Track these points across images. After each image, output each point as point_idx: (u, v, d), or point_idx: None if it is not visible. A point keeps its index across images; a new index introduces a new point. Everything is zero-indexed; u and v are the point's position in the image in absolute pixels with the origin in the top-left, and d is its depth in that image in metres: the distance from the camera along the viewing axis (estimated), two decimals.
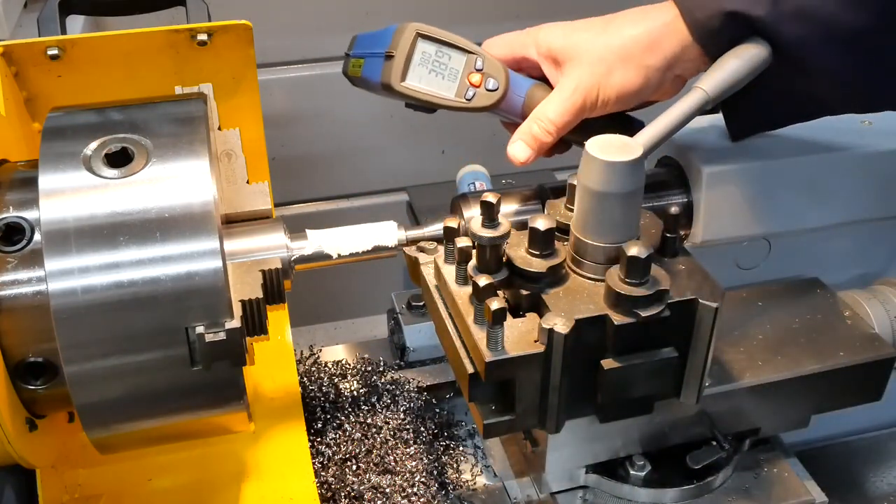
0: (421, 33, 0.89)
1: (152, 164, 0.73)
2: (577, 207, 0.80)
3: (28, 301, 0.73)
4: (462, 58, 0.89)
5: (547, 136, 0.88)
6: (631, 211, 0.79)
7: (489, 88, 0.89)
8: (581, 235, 0.80)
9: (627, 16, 0.89)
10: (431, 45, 0.89)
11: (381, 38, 0.89)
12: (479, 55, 0.89)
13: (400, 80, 0.88)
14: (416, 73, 0.89)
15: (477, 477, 1.07)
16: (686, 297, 0.78)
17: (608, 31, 0.89)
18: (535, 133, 0.89)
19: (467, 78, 0.89)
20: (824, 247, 1.08)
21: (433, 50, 0.89)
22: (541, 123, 0.89)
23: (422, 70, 0.89)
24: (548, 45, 0.90)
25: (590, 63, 0.88)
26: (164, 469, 0.98)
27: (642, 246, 0.75)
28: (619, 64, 0.87)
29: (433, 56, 0.89)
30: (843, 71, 0.84)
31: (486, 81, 0.89)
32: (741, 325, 0.98)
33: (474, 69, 0.89)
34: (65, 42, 0.89)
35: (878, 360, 0.94)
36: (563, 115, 0.88)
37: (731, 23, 0.83)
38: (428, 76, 0.89)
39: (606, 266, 0.79)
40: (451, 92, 0.89)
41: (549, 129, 0.88)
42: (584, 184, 0.78)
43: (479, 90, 0.89)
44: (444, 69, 0.89)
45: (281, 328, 1.12)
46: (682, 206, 0.97)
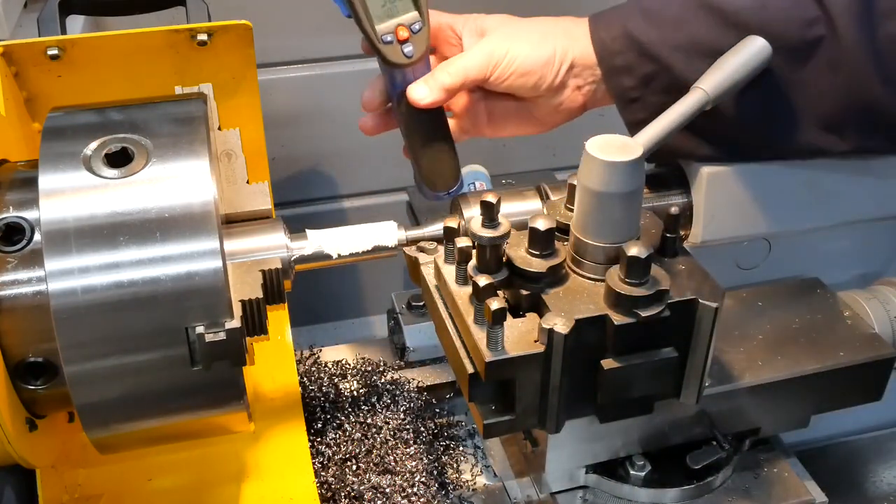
0: None
1: (152, 164, 0.73)
2: (577, 207, 0.80)
3: (28, 301, 0.73)
4: (411, 8, 0.88)
5: (450, 78, 0.89)
6: (631, 211, 0.79)
7: (405, 52, 0.88)
8: (581, 235, 0.80)
9: (553, 18, 0.95)
10: None
11: None
12: (423, 22, 0.88)
13: None
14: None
15: (477, 477, 1.07)
16: (686, 297, 0.78)
17: (534, 20, 0.94)
18: (439, 77, 0.90)
19: (397, 27, 0.87)
20: (824, 247, 1.08)
21: None
22: (447, 69, 0.90)
23: None
24: (480, 24, 0.94)
25: (506, 33, 0.92)
26: (164, 469, 0.98)
27: (642, 246, 0.75)
28: (536, 35, 0.91)
29: None
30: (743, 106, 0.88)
31: (406, 45, 0.88)
32: (741, 325, 0.98)
33: (408, 26, 0.88)
34: (65, 42, 0.89)
35: (878, 360, 0.94)
36: (470, 63, 0.90)
37: (627, 43, 0.89)
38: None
39: (606, 266, 0.79)
40: (378, 22, 0.87)
41: (455, 73, 0.89)
42: (584, 184, 0.78)
43: (394, 45, 0.87)
44: (393, 3, 0.88)
45: (281, 328, 1.12)
46: (682, 206, 0.97)
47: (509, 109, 0.97)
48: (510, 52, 0.90)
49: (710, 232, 0.98)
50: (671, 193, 0.98)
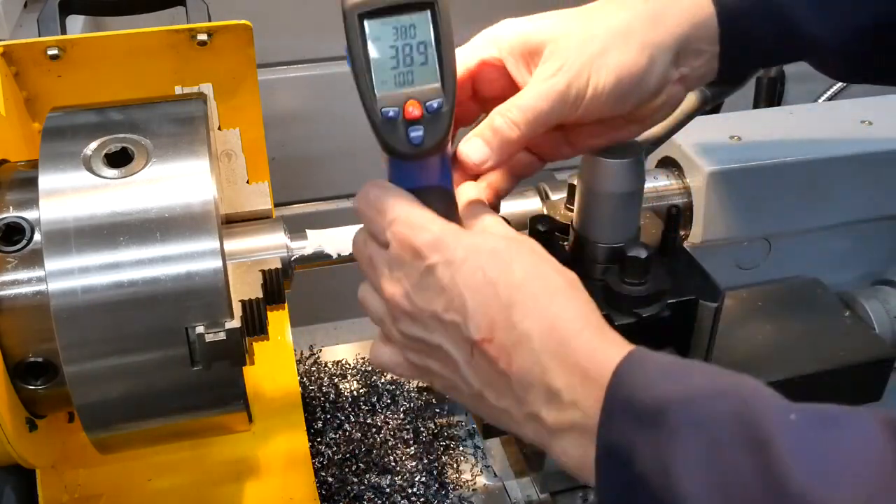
0: None
1: (152, 164, 0.73)
2: (577, 207, 0.80)
3: (28, 301, 0.73)
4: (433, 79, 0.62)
5: (512, 129, 0.67)
6: (631, 211, 0.79)
7: (411, 137, 0.62)
8: (581, 235, 0.80)
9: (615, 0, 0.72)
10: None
11: None
12: (447, 101, 0.62)
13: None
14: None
15: (477, 477, 1.07)
16: (686, 297, 0.78)
17: (596, 11, 0.71)
18: (497, 126, 0.67)
19: (407, 100, 0.62)
20: (824, 247, 1.08)
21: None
22: (506, 114, 0.68)
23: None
24: (515, 34, 0.70)
25: (579, 41, 0.68)
26: (164, 469, 0.98)
27: (642, 246, 0.75)
28: (618, 40, 0.68)
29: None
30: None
31: (415, 127, 0.62)
32: (741, 325, 0.98)
33: (422, 102, 0.62)
34: (65, 42, 0.89)
35: (878, 360, 0.94)
36: (539, 100, 0.67)
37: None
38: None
39: (606, 266, 0.79)
40: (381, 88, 0.62)
41: (517, 119, 0.67)
42: (584, 184, 0.78)
43: (396, 124, 0.62)
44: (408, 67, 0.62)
45: (281, 328, 1.12)
46: (682, 206, 0.97)
47: (594, 129, 0.74)
48: (592, 78, 0.67)
49: (710, 232, 0.98)
50: (671, 193, 0.98)
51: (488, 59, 0.71)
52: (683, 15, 0.70)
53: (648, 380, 0.54)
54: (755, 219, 0.98)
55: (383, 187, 0.65)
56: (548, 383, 0.57)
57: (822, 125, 0.99)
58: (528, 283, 0.59)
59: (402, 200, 0.63)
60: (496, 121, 0.68)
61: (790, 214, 1.00)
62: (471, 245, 0.61)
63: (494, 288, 0.59)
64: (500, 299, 0.59)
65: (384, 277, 0.64)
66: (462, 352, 0.61)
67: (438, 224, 0.62)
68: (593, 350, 0.57)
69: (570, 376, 0.57)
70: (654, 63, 0.69)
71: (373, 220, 0.65)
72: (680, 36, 0.69)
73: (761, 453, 0.48)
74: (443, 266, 0.60)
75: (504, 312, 0.59)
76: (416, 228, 0.61)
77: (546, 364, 0.57)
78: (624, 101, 0.70)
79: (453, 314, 0.60)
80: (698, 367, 0.56)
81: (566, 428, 0.57)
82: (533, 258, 0.61)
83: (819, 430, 0.49)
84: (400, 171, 0.65)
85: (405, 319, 0.64)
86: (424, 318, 0.62)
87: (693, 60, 0.72)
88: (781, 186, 0.98)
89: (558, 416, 0.57)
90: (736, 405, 0.51)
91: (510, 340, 0.58)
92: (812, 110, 1.01)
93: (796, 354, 0.94)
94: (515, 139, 0.67)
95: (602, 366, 0.56)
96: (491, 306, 0.59)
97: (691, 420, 0.51)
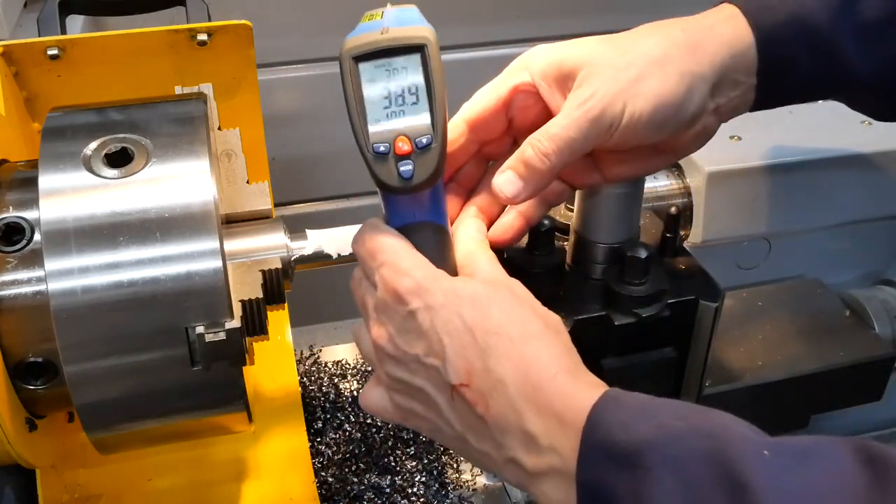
0: None
1: (152, 164, 0.73)
2: (577, 207, 0.80)
3: (28, 301, 0.73)
4: (423, 114, 0.64)
5: (543, 161, 0.66)
6: (631, 210, 0.79)
7: (401, 172, 0.64)
8: (581, 235, 0.80)
9: (652, 26, 0.71)
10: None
11: None
12: (435, 137, 0.63)
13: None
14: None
15: (477, 477, 1.07)
16: (686, 297, 0.78)
17: (632, 39, 0.69)
18: (528, 158, 0.66)
19: (398, 137, 0.64)
20: (824, 247, 1.08)
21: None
22: (537, 145, 0.66)
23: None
24: (549, 59, 0.69)
25: (615, 67, 0.66)
26: (164, 469, 0.98)
27: (642, 246, 0.75)
28: (655, 68, 0.66)
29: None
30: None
31: (405, 162, 0.63)
32: (741, 325, 0.98)
33: (412, 139, 0.63)
34: (65, 42, 0.89)
35: (878, 360, 0.95)
36: (570, 128, 0.65)
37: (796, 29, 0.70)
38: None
39: (606, 266, 0.79)
40: (374, 124, 0.64)
41: (548, 150, 0.66)
42: None
43: (387, 160, 0.64)
44: (399, 103, 0.64)
45: (281, 328, 1.12)
46: (682, 206, 0.97)
47: (623, 157, 0.73)
48: (629, 106, 0.65)
49: (710, 232, 0.98)
50: (671, 193, 0.98)
51: (521, 86, 0.70)
52: (722, 44, 0.68)
53: (622, 421, 0.54)
54: (755, 219, 0.98)
55: (376, 228, 0.66)
56: (524, 428, 0.58)
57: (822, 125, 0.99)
58: (504, 327, 0.60)
59: (392, 243, 0.64)
60: (527, 152, 0.67)
61: (790, 214, 1.00)
62: (450, 290, 0.62)
63: (471, 333, 0.60)
64: (476, 344, 0.59)
65: (372, 320, 0.66)
66: (443, 395, 0.62)
67: (422, 269, 0.63)
68: (567, 394, 0.57)
69: (545, 421, 0.57)
70: (692, 93, 0.67)
71: (364, 261, 0.66)
72: (719, 66, 0.68)
73: (736, 491, 0.48)
74: (423, 311, 0.61)
75: (480, 358, 0.59)
76: (399, 273, 0.63)
77: (521, 409, 0.58)
78: (659, 131, 0.68)
79: (433, 358, 0.61)
80: (670, 405, 0.56)
81: (545, 472, 0.57)
82: (512, 302, 0.62)
83: (792, 464, 0.49)
84: (393, 206, 0.66)
85: (390, 362, 0.65)
86: (407, 360, 0.63)
87: (730, 91, 0.70)
88: (781, 186, 0.98)
89: (537, 461, 0.58)
90: (709, 444, 0.51)
91: (486, 386, 0.59)
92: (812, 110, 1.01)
93: (796, 354, 0.94)
94: (547, 170, 0.66)
95: (577, 410, 0.56)
96: (468, 351, 0.60)
97: (666, 460, 0.51)
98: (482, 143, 0.73)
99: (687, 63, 0.67)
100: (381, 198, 0.67)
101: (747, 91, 0.71)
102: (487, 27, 1.45)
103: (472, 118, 0.71)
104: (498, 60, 0.75)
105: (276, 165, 1.07)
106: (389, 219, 0.67)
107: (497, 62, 0.75)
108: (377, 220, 0.68)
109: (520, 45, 0.89)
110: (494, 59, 0.81)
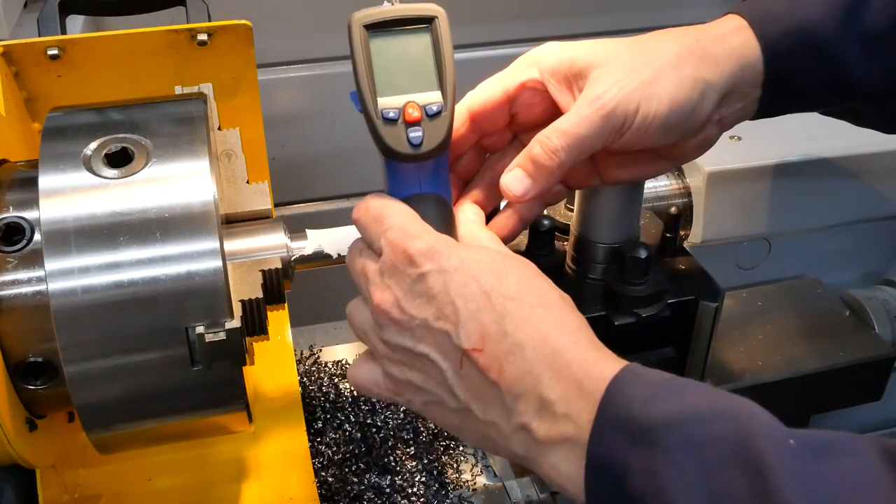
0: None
1: (152, 164, 0.73)
2: (577, 207, 0.80)
3: (28, 301, 0.73)
4: (432, 85, 0.65)
5: (552, 158, 0.65)
6: (631, 210, 0.79)
7: (410, 138, 0.64)
8: (581, 235, 0.80)
9: (665, 32, 0.71)
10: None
11: None
12: (445, 105, 0.64)
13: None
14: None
15: (477, 477, 1.07)
16: (686, 297, 0.78)
17: (646, 42, 0.69)
18: (536, 155, 0.66)
19: (407, 104, 0.64)
20: (824, 247, 1.08)
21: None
22: (546, 142, 0.66)
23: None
24: (560, 57, 0.68)
25: (629, 68, 0.66)
26: (164, 469, 0.98)
27: (642, 246, 0.75)
28: (669, 72, 0.66)
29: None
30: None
31: (414, 129, 0.64)
32: (741, 325, 0.98)
33: (422, 106, 0.64)
34: (65, 42, 0.89)
35: (878, 360, 0.95)
36: (581, 125, 0.65)
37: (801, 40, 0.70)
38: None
39: (606, 266, 0.79)
40: (382, 94, 0.64)
41: (557, 146, 0.65)
42: None
43: (397, 127, 0.64)
44: (406, 75, 0.65)
45: (281, 328, 1.12)
46: (682, 206, 0.97)
47: (623, 161, 0.73)
48: (643, 106, 0.65)
49: (710, 232, 0.98)
50: (671, 193, 0.98)
51: (528, 83, 0.70)
52: (732, 55, 0.69)
53: (643, 397, 0.53)
54: (755, 219, 0.98)
55: (382, 198, 0.66)
56: (540, 393, 0.56)
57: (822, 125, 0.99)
58: (522, 295, 0.59)
59: (399, 208, 0.64)
60: (535, 149, 0.66)
61: (790, 214, 1.00)
62: (466, 256, 0.60)
63: (488, 298, 0.59)
64: (493, 309, 0.58)
65: (374, 285, 0.63)
66: (450, 361, 0.60)
67: (434, 234, 0.62)
68: (589, 362, 0.56)
69: (564, 387, 0.56)
70: (703, 100, 0.67)
71: (368, 227, 0.65)
72: (728, 76, 0.69)
73: (758, 478, 0.47)
74: (435, 274, 0.60)
75: (497, 322, 0.58)
76: (410, 236, 0.61)
77: (539, 374, 0.56)
78: (669, 135, 0.68)
79: (443, 322, 0.59)
80: (692, 385, 0.55)
81: (557, 441, 0.56)
82: (527, 272, 0.61)
83: (818, 457, 0.48)
84: (398, 176, 0.66)
85: (392, 328, 0.63)
86: (413, 326, 0.61)
87: (736, 102, 0.71)
88: (781, 186, 0.98)
89: (550, 429, 0.56)
90: (733, 428, 0.50)
91: (502, 350, 0.57)
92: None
93: (796, 354, 0.94)
94: (556, 167, 0.66)
95: (597, 379, 0.55)
96: (483, 315, 0.58)
97: (686, 441, 0.50)
98: (482, 134, 0.73)
99: (700, 70, 0.67)
100: (385, 168, 0.66)
101: (751, 103, 0.72)
102: (487, 27, 1.45)
103: (475, 108, 0.71)
104: (498, 60, 0.76)
105: (276, 165, 1.07)
106: (392, 190, 0.66)
107: (497, 62, 0.75)
108: (379, 193, 0.66)
109: (520, 45, 0.89)
110: (494, 59, 0.81)
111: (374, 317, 0.64)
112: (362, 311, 0.66)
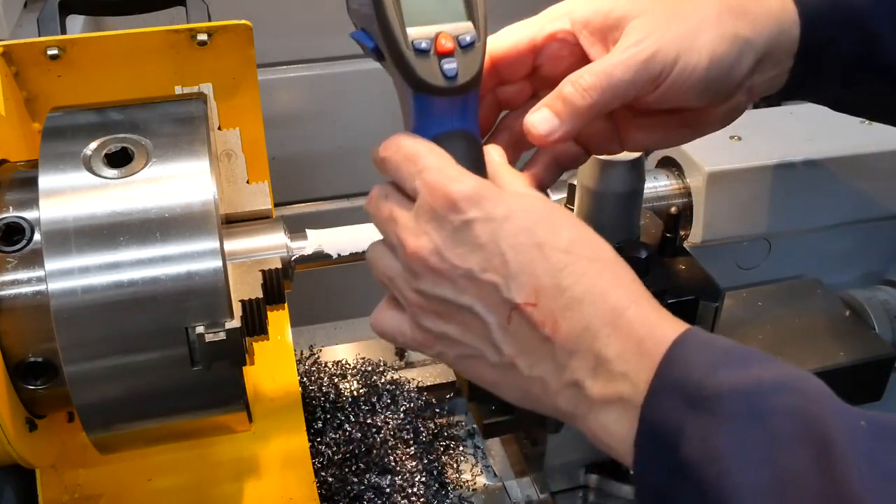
0: None
1: (152, 164, 0.73)
2: (576, 207, 0.80)
3: (28, 301, 0.73)
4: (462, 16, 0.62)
5: (584, 96, 0.62)
6: (631, 211, 0.79)
7: (444, 70, 0.60)
8: None
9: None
10: None
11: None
12: (478, 36, 0.61)
13: None
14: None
15: (477, 477, 1.07)
16: (686, 296, 0.78)
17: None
18: (568, 94, 0.62)
19: (438, 34, 0.60)
20: (824, 247, 1.08)
21: None
22: (578, 81, 0.62)
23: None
24: (595, 7, 0.65)
25: (668, 19, 0.63)
26: (164, 469, 0.98)
27: (642, 246, 0.75)
28: (709, 26, 0.63)
29: None
30: None
31: (448, 60, 0.60)
32: (741, 325, 0.98)
33: (455, 37, 0.60)
34: (65, 42, 0.89)
35: (878, 360, 0.95)
36: (618, 67, 0.61)
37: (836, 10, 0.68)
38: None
39: None
40: (411, 24, 0.60)
41: (590, 85, 0.61)
42: (584, 184, 0.78)
43: (429, 58, 0.59)
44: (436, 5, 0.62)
45: (281, 328, 1.12)
46: (682, 206, 0.97)
47: (647, 124, 0.70)
48: (682, 58, 0.62)
49: (710, 232, 0.98)
50: (671, 193, 0.99)
51: (559, 33, 0.66)
52: (771, 16, 0.67)
53: (705, 362, 0.51)
54: (755, 219, 0.98)
55: (413, 136, 0.61)
56: (597, 351, 0.54)
57: (822, 125, 0.99)
58: (576, 246, 0.56)
59: (433, 149, 0.60)
60: (566, 89, 0.62)
61: (790, 214, 1.00)
62: (514, 203, 0.57)
63: (541, 250, 0.55)
64: (547, 262, 0.55)
65: (407, 231, 0.58)
66: (497, 315, 0.56)
67: (474, 178, 0.57)
68: (650, 321, 0.54)
69: (623, 345, 0.53)
70: (741, 58, 0.65)
71: (399, 166, 0.60)
72: (766, 38, 0.66)
73: (826, 456, 0.45)
74: (482, 222, 0.56)
75: (552, 276, 0.55)
76: (451, 178, 0.57)
77: (597, 330, 0.54)
78: (704, 93, 0.65)
79: (492, 274, 0.56)
80: (759, 356, 0.52)
81: (611, 400, 0.53)
82: (578, 224, 0.58)
83: (888, 439, 0.46)
84: (428, 111, 0.61)
85: (429, 277, 0.58)
86: (455, 276, 0.57)
87: (769, 69, 0.68)
88: (781, 186, 0.98)
89: (604, 387, 0.53)
90: (799, 402, 0.48)
91: (558, 305, 0.54)
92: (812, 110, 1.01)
93: (796, 354, 0.94)
94: (586, 108, 0.62)
95: (658, 339, 0.53)
96: (537, 269, 0.55)
97: (750, 411, 0.48)
98: (501, 81, 0.69)
99: (740, 28, 0.64)
100: (413, 105, 0.61)
101: (783, 73, 0.70)
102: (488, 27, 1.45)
103: (497, 54, 0.67)
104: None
105: (276, 165, 1.07)
106: (419, 128, 0.61)
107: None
108: (407, 133, 0.62)
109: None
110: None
111: (408, 264, 0.59)
112: (388, 255, 0.61)
